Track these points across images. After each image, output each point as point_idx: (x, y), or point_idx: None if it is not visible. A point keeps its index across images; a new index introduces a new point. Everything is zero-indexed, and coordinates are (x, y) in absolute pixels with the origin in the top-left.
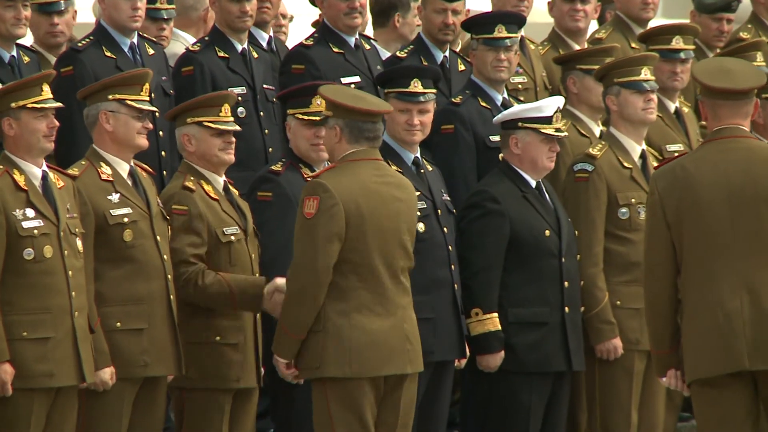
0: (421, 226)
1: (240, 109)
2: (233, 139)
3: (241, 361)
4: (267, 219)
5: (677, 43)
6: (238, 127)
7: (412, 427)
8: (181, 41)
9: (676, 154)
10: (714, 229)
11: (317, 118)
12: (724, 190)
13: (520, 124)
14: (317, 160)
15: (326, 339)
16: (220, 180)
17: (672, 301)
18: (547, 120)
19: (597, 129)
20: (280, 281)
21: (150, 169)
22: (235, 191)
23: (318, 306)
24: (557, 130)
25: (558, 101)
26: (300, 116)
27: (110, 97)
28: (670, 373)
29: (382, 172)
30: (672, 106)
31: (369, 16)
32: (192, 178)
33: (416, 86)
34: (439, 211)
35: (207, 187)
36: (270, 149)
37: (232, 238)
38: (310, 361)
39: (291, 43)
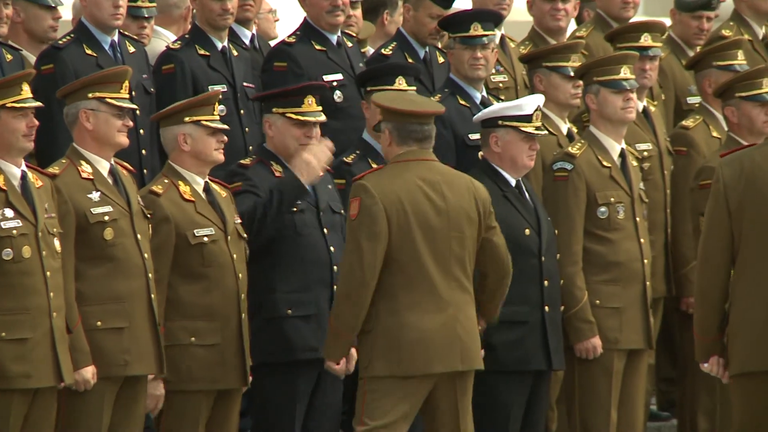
0: None
1: (221, 107)
2: (226, 138)
3: (219, 362)
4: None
5: (645, 40)
6: (227, 126)
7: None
8: (162, 39)
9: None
10: None
11: (311, 119)
12: None
13: (500, 122)
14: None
15: (376, 338)
16: (201, 181)
17: (724, 289)
18: (527, 118)
19: (565, 126)
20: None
21: (130, 168)
22: (222, 192)
23: (366, 305)
24: (537, 128)
25: (538, 99)
26: (291, 115)
27: (90, 95)
28: (713, 360)
29: (434, 171)
30: (640, 105)
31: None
32: (166, 180)
33: (401, 84)
34: None
35: (183, 189)
36: (250, 147)
37: (205, 239)
38: (362, 360)
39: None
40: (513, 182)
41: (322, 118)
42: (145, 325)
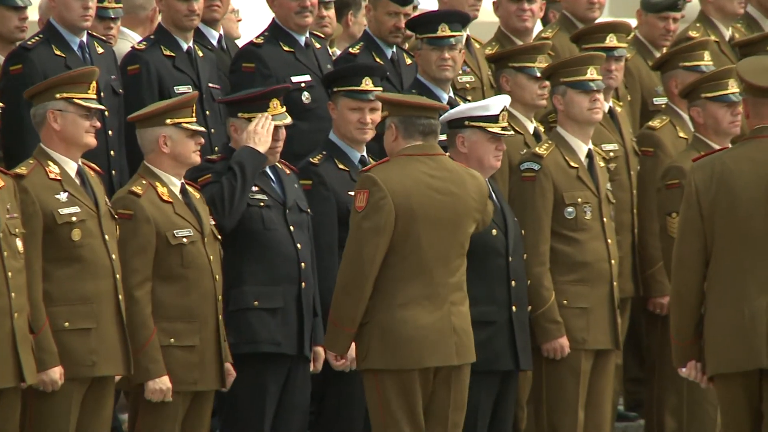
0: None
1: None
2: (203, 141)
3: (198, 364)
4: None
5: (611, 41)
6: (204, 129)
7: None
8: (128, 40)
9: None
10: (747, 226)
11: (278, 122)
12: (761, 188)
13: (466, 122)
14: (270, 162)
15: (372, 331)
16: (178, 183)
17: (699, 293)
18: (494, 119)
19: (531, 126)
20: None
21: (98, 168)
22: (196, 194)
23: (366, 297)
24: (504, 128)
25: (504, 100)
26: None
27: (58, 95)
28: (690, 365)
29: (438, 166)
30: (606, 106)
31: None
32: (144, 181)
33: (367, 84)
34: None
35: (161, 190)
36: (216, 148)
37: (184, 240)
38: (358, 352)
39: (246, 38)
40: None
41: (288, 120)
42: (113, 326)
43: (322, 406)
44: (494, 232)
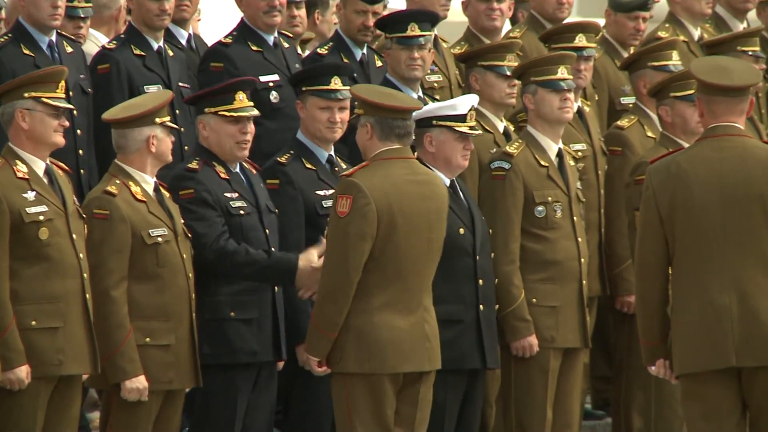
0: None
1: None
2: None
3: (173, 363)
4: (189, 214)
5: (580, 41)
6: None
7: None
8: (92, 40)
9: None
10: (706, 227)
11: (244, 114)
12: (717, 188)
13: (434, 122)
14: (240, 158)
15: (348, 335)
16: (151, 181)
17: (663, 293)
18: (462, 118)
19: (501, 125)
20: (318, 262)
21: (66, 167)
22: (165, 193)
23: (348, 303)
24: (471, 128)
25: (472, 99)
26: (224, 113)
27: (26, 95)
28: (659, 363)
29: (414, 171)
30: (574, 105)
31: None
32: (118, 181)
33: (336, 84)
34: None
35: (135, 189)
36: (186, 147)
37: (159, 239)
38: (332, 355)
39: (210, 40)
40: (447, 182)
41: (255, 112)
42: (80, 325)
43: (289, 405)
44: (461, 231)
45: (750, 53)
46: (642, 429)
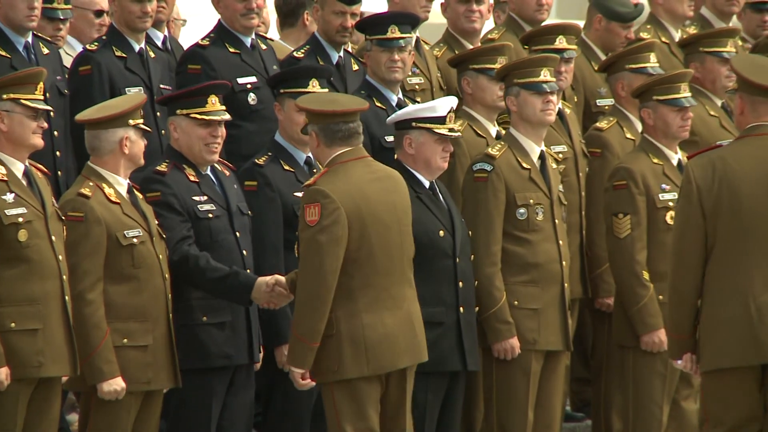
0: None
1: None
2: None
3: (151, 363)
4: (158, 217)
5: (561, 43)
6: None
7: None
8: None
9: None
10: (751, 223)
11: (215, 118)
12: (763, 185)
13: (413, 124)
14: (209, 161)
15: (341, 341)
16: (124, 183)
17: (698, 288)
18: (441, 120)
19: (493, 129)
20: (281, 277)
21: (45, 169)
22: (139, 194)
23: (327, 310)
24: (451, 130)
25: (451, 101)
26: (195, 116)
27: (4, 96)
28: (686, 357)
29: (372, 169)
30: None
31: (270, 18)
32: (91, 183)
33: (314, 86)
34: None
35: (108, 191)
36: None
37: (135, 240)
38: (329, 365)
39: (186, 43)
40: (427, 184)
41: (227, 116)
42: (60, 327)
43: (268, 406)
44: (441, 233)
45: (723, 54)
46: (621, 430)
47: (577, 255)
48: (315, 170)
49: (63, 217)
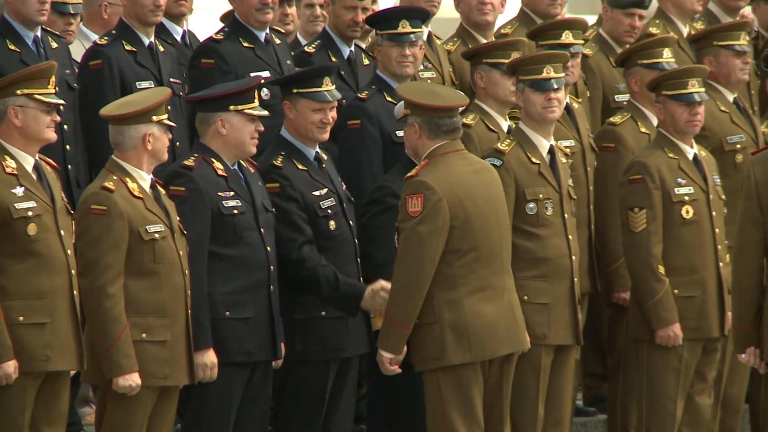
0: (332, 224)
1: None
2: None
3: (168, 359)
4: (180, 214)
5: (567, 38)
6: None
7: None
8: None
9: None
10: None
11: (264, 113)
12: None
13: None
14: (251, 154)
15: (443, 328)
16: (148, 178)
17: (758, 281)
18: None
19: (505, 124)
20: (385, 282)
21: (54, 163)
22: (161, 190)
23: (422, 298)
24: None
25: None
26: (248, 111)
27: (18, 92)
28: (749, 351)
29: (469, 161)
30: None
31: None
32: (115, 177)
33: (328, 85)
34: (344, 204)
35: (132, 185)
36: (177, 143)
37: (156, 236)
38: (431, 352)
39: (201, 35)
40: None
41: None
42: (68, 321)
43: (279, 402)
44: None
45: (737, 48)
46: (638, 427)
47: (585, 250)
48: (324, 165)
49: (72, 212)
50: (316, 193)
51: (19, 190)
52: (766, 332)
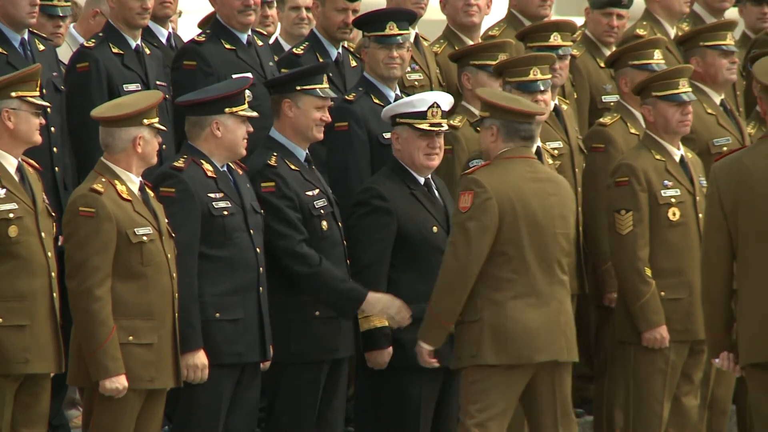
0: (324, 224)
1: None
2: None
3: (155, 362)
4: (169, 215)
5: (555, 39)
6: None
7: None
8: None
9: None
10: (766, 222)
11: (254, 114)
12: None
13: (397, 119)
14: (241, 155)
15: (483, 328)
16: (137, 180)
17: (727, 287)
18: (421, 115)
19: None
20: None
21: (36, 165)
22: (150, 192)
23: (466, 294)
24: (434, 125)
25: (435, 96)
26: (241, 113)
27: (13, 94)
28: (722, 355)
29: (534, 169)
30: (551, 104)
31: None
32: (104, 179)
33: (325, 82)
34: (333, 206)
35: (120, 188)
36: (164, 146)
37: (144, 238)
38: (468, 349)
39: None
40: (422, 180)
41: (254, 113)
42: (47, 324)
43: (272, 403)
44: (435, 229)
45: (724, 47)
46: (624, 428)
47: (573, 251)
48: (314, 166)
49: (54, 214)
50: (309, 193)
51: (0, 192)
52: (740, 337)
